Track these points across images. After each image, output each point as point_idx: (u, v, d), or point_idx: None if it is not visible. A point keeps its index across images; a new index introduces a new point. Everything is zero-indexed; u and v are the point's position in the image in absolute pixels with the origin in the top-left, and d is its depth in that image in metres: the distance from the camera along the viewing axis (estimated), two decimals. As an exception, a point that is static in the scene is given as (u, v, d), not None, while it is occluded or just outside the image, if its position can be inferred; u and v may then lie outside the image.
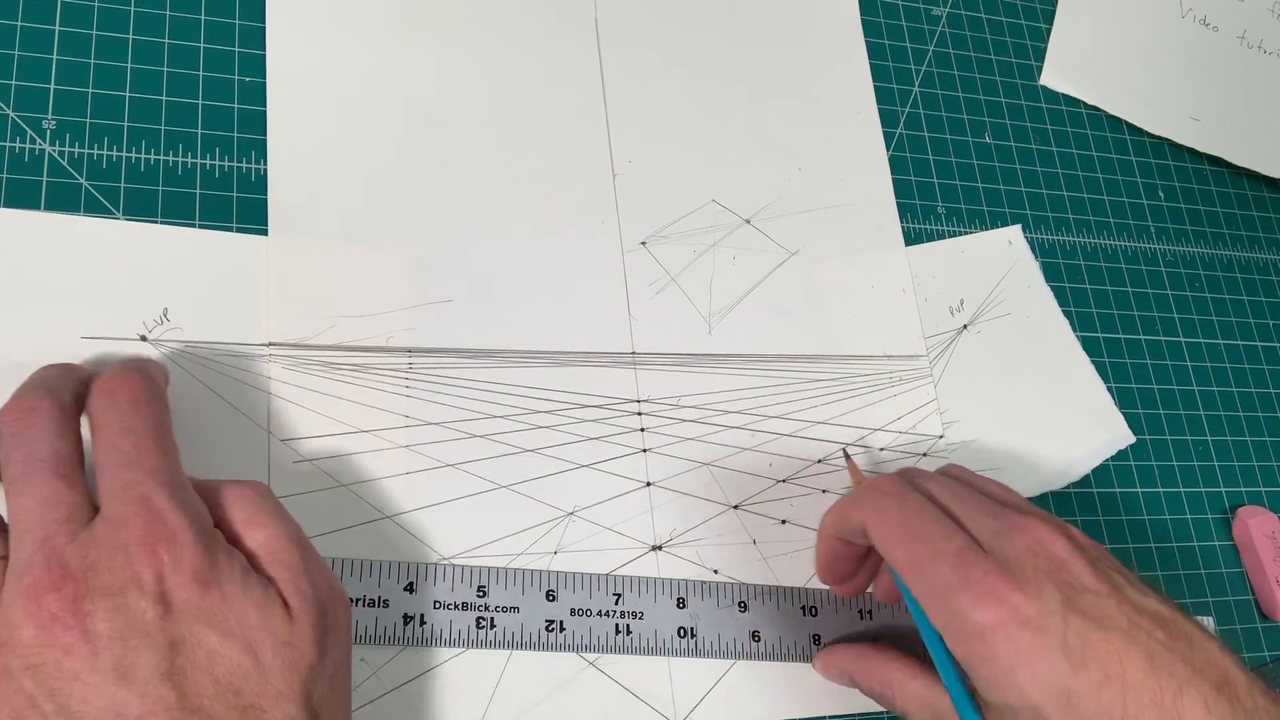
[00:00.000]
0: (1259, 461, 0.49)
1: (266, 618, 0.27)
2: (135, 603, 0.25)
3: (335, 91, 0.40)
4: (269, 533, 0.29)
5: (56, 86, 0.36)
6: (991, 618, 0.29)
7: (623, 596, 0.36)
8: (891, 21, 0.50)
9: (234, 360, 0.35)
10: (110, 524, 0.26)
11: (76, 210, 0.35)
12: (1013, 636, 0.28)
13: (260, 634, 0.27)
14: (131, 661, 0.25)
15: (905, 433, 0.43)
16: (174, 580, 0.26)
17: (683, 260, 0.42)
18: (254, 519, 0.29)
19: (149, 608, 0.25)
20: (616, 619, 0.36)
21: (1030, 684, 0.28)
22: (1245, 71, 0.57)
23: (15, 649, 0.25)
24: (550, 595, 0.35)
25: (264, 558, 0.28)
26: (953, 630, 0.30)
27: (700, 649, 0.36)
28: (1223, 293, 0.52)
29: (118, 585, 0.25)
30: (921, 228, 0.47)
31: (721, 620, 0.37)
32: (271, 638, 0.27)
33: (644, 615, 0.36)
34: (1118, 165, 0.53)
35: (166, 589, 0.26)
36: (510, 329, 0.39)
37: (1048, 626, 0.28)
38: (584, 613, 0.35)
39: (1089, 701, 0.28)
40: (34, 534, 0.26)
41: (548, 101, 0.43)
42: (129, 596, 0.25)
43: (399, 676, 0.34)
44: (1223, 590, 0.46)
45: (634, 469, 0.39)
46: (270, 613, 0.27)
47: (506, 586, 0.35)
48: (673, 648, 0.36)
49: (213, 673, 0.26)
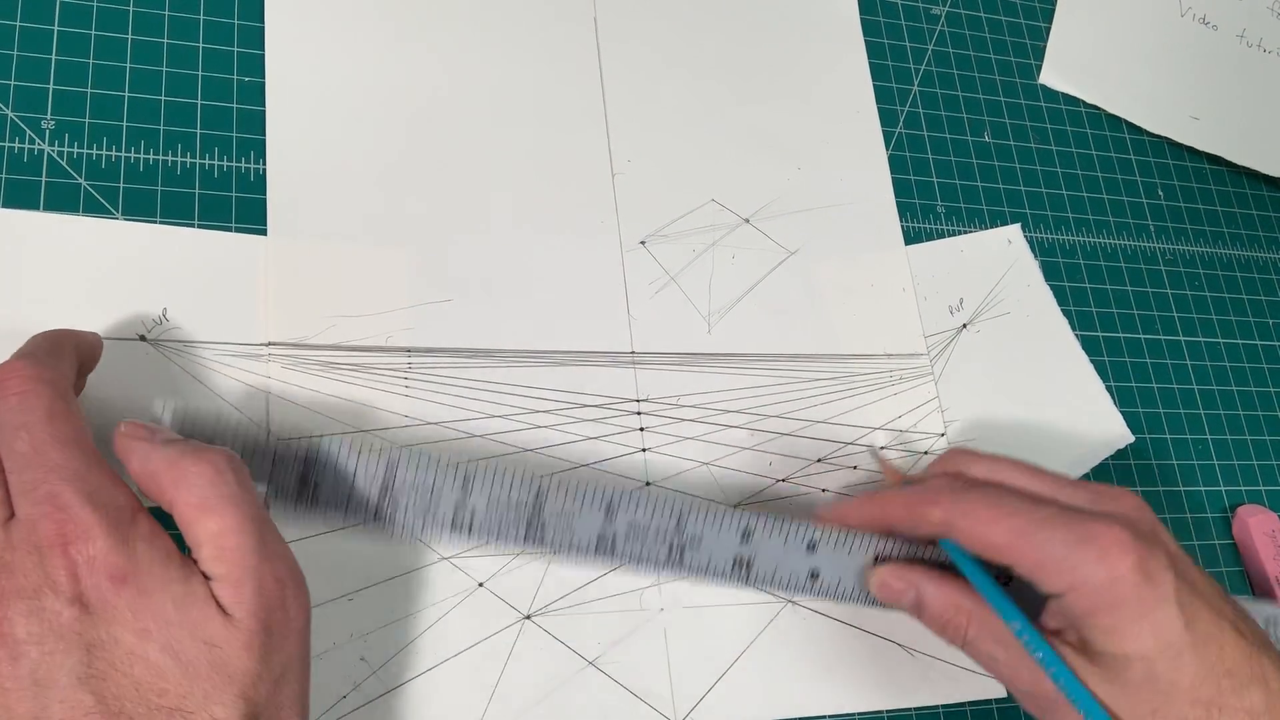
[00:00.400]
0: (1259, 461, 0.49)
1: (186, 614, 0.26)
2: (51, 605, 0.25)
3: (334, 91, 0.40)
4: (222, 523, 0.27)
5: (56, 86, 0.36)
6: (1121, 569, 0.30)
7: (685, 519, 0.34)
8: (891, 21, 0.50)
9: (233, 360, 0.35)
10: (22, 525, 0.25)
11: (76, 210, 0.35)
12: (1139, 586, 0.30)
13: (180, 631, 0.25)
14: (50, 666, 0.24)
15: (906, 431, 0.43)
16: (89, 580, 0.25)
17: (682, 260, 0.42)
18: (207, 503, 0.27)
19: (64, 609, 0.25)
20: (671, 540, 0.34)
21: (1150, 634, 0.30)
22: (1245, 70, 0.57)
23: None
24: (610, 510, 0.33)
25: (210, 550, 0.27)
26: (1077, 586, 0.30)
27: (753, 581, 0.35)
28: (1223, 292, 0.52)
29: (32, 588, 0.25)
30: (921, 227, 0.47)
31: (782, 557, 0.35)
32: (192, 636, 0.25)
33: (701, 542, 0.34)
34: (1117, 164, 0.53)
35: (82, 589, 0.25)
36: (510, 329, 0.39)
37: (1165, 581, 0.30)
38: (640, 533, 0.34)
39: (1195, 657, 0.30)
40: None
41: (547, 101, 0.43)
42: (44, 599, 0.25)
43: (399, 676, 0.34)
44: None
45: (634, 469, 0.39)
46: (191, 609, 0.26)
47: (565, 496, 0.33)
48: (724, 576, 0.35)
49: (133, 674, 0.25)
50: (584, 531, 0.33)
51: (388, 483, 0.32)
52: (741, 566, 0.35)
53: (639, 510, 0.34)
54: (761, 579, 0.35)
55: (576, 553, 0.34)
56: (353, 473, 0.32)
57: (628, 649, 0.37)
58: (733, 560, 0.35)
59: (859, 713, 0.39)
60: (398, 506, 0.32)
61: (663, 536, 0.34)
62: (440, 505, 0.32)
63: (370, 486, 0.32)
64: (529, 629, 0.36)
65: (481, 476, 0.32)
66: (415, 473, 0.32)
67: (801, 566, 0.35)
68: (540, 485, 0.33)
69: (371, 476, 0.32)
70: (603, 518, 0.33)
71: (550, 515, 0.33)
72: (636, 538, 0.34)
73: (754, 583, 0.35)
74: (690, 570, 0.35)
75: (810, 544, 0.35)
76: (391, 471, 0.32)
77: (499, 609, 0.36)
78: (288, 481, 0.31)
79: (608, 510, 0.33)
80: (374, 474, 0.32)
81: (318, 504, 0.32)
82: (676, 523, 0.34)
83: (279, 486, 0.31)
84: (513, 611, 0.36)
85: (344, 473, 0.32)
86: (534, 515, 0.33)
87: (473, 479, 0.32)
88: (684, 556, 0.34)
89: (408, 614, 0.35)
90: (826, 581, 0.36)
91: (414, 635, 0.34)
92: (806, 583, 0.36)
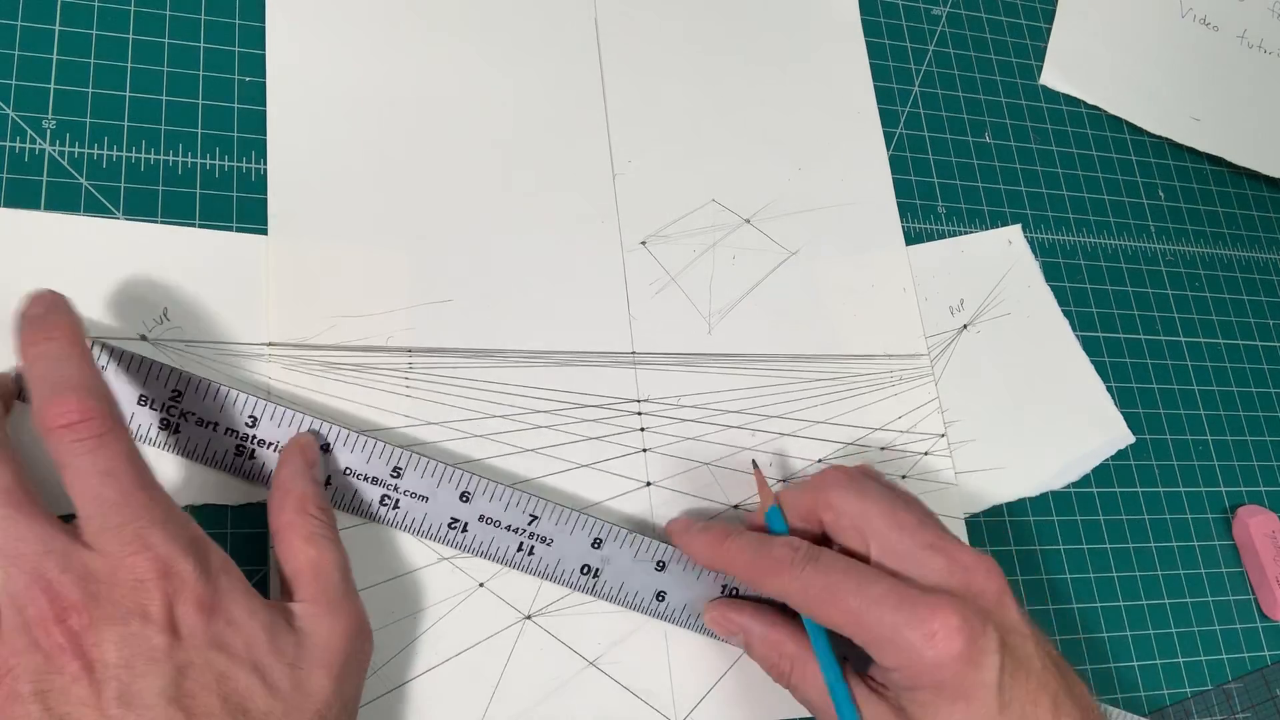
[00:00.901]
0: (1259, 461, 0.49)
1: (275, 639, 0.28)
2: (142, 631, 0.26)
3: (335, 91, 0.40)
4: (321, 556, 0.31)
5: (56, 86, 0.36)
6: (946, 654, 0.31)
7: (539, 520, 0.35)
8: (891, 21, 0.50)
9: (234, 360, 0.35)
10: (109, 559, 0.27)
11: (76, 210, 0.35)
12: (961, 671, 0.31)
13: (268, 656, 0.28)
14: (137, 687, 0.26)
15: (906, 432, 0.43)
16: (180, 610, 0.27)
17: (683, 260, 0.42)
18: (314, 539, 0.31)
19: (155, 635, 0.26)
20: (523, 537, 0.35)
21: (962, 717, 0.31)
22: (1245, 71, 0.57)
23: (23, 674, 0.26)
24: (464, 496, 0.35)
25: (307, 575, 0.30)
26: (904, 665, 0.31)
27: (599, 590, 0.36)
28: (1223, 293, 0.52)
29: (121, 616, 0.26)
30: (921, 227, 0.47)
31: (631, 571, 0.36)
32: (279, 659, 0.28)
33: (553, 542, 0.36)
34: (1118, 165, 0.53)
35: (173, 618, 0.27)
36: (510, 329, 0.39)
37: (989, 665, 0.31)
38: (493, 522, 0.35)
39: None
40: (19, 566, 0.26)
41: (547, 101, 0.43)
42: (134, 626, 0.26)
43: (399, 676, 0.34)
44: (1223, 590, 0.46)
45: (634, 469, 0.39)
46: (278, 635, 0.28)
47: (422, 475, 0.34)
48: (570, 580, 0.36)
49: (221, 693, 0.27)
50: (437, 516, 0.35)
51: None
52: (590, 574, 0.36)
53: (492, 502, 0.35)
54: (609, 591, 0.36)
55: (429, 537, 0.35)
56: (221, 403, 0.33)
57: (628, 649, 0.37)
58: (580, 567, 0.36)
59: (859, 713, 0.39)
60: None
61: (514, 531, 0.35)
62: None
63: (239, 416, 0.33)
64: (529, 629, 0.36)
65: (343, 437, 0.34)
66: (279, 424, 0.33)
67: (649, 584, 0.36)
68: (399, 458, 0.34)
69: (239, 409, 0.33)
70: (460, 505, 0.35)
71: (403, 493, 0.34)
72: (489, 525, 0.35)
73: (601, 593, 0.36)
74: (539, 570, 0.36)
75: (660, 563, 0.37)
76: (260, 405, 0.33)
77: (499, 609, 0.36)
78: (161, 395, 0.32)
79: (462, 498, 0.35)
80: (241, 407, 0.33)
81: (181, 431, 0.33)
82: (529, 520, 0.35)
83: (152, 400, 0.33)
84: (513, 611, 0.36)
85: (211, 405, 0.33)
86: (390, 491, 0.34)
87: (335, 441, 0.34)
88: (534, 552, 0.35)
89: (408, 614, 0.35)
90: (673, 605, 0.37)
91: (414, 635, 0.34)
92: (652, 603, 0.37)
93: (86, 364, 0.29)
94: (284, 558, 0.31)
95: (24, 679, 0.25)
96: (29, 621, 0.26)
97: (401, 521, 0.34)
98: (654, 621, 0.37)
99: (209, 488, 0.33)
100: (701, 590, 0.37)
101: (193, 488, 0.33)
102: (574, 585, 0.36)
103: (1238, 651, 0.45)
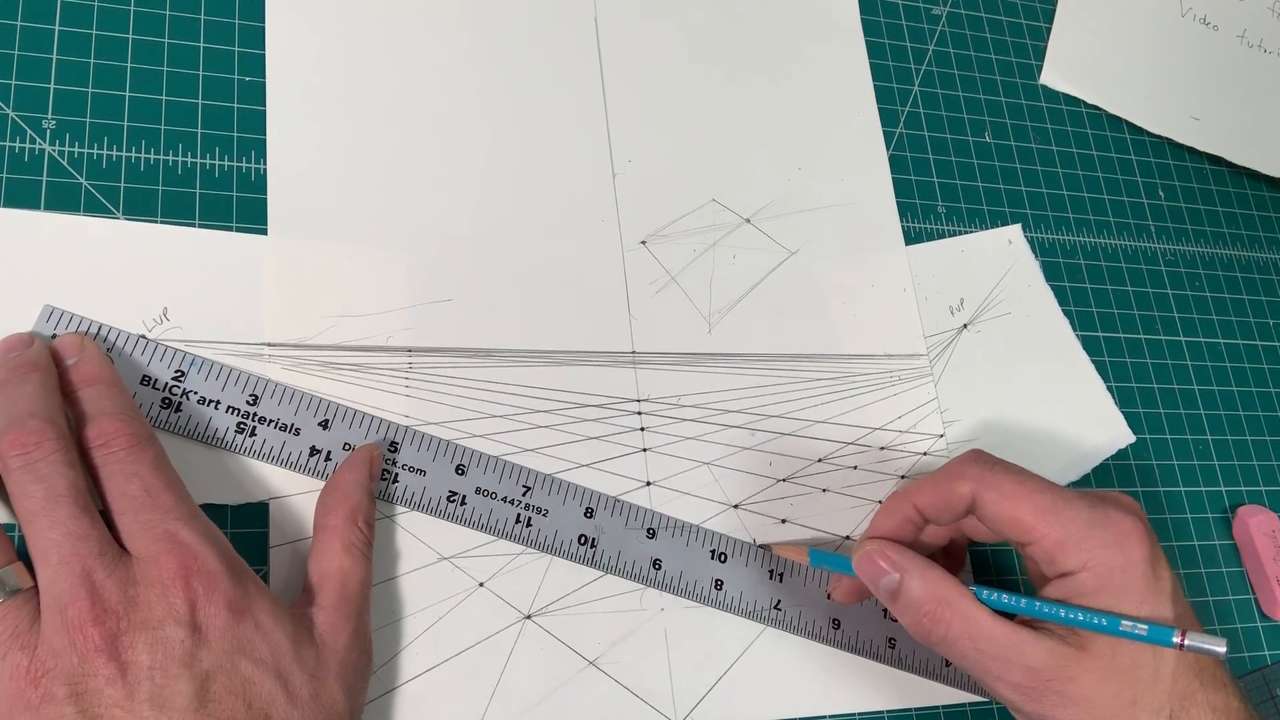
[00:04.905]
0: (1259, 461, 0.49)
1: (298, 649, 0.29)
2: (173, 634, 0.27)
3: (335, 91, 0.40)
4: (354, 568, 0.32)
5: (56, 86, 0.36)
6: (1135, 557, 0.32)
7: (532, 490, 0.36)
8: (891, 21, 0.50)
9: (234, 360, 0.35)
10: (144, 562, 0.28)
11: (76, 210, 0.35)
12: (1147, 577, 0.32)
13: (292, 665, 0.28)
14: (169, 691, 0.26)
15: (906, 432, 0.43)
16: (208, 610, 0.27)
17: (683, 259, 0.42)
18: (352, 550, 0.32)
19: (185, 638, 0.27)
20: (520, 509, 0.36)
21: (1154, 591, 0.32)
22: (1245, 71, 0.57)
23: (59, 676, 0.26)
24: (460, 470, 0.35)
25: (335, 583, 0.31)
26: (1091, 565, 0.32)
27: (598, 562, 0.36)
28: (1223, 293, 0.52)
29: (156, 619, 0.27)
30: (921, 227, 0.47)
31: (624, 540, 0.37)
32: (301, 669, 0.29)
33: (548, 513, 0.36)
34: (1118, 165, 0.53)
35: (201, 618, 0.27)
36: (510, 329, 0.39)
37: (1167, 578, 0.32)
38: (489, 494, 0.36)
39: (1177, 653, 0.32)
40: (70, 567, 0.27)
41: (547, 101, 0.43)
42: (167, 629, 0.27)
43: (399, 676, 0.34)
44: (1223, 590, 0.46)
45: (634, 469, 0.39)
46: (301, 644, 0.29)
47: (418, 449, 0.35)
48: (570, 552, 0.36)
49: (246, 699, 0.27)
50: (435, 489, 0.35)
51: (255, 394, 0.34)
52: (587, 544, 0.36)
53: (487, 474, 0.36)
54: (608, 561, 0.37)
55: (429, 511, 0.35)
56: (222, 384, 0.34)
57: (628, 649, 0.37)
58: (578, 537, 0.36)
59: (859, 713, 0.39)
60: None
61: (511, 502, 0.36)
62: None
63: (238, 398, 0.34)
64: (529, 629, 0.36)
65: (340, 413, 0.35)
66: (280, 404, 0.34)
67: (643, 552, 0.37)
68: (395, 433, 0.35)
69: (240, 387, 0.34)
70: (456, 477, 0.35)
71: (401, 467, 0.35)
72: (486, 498, 0.36)
73: (600, 564, 0.37)
74: (539, 543, 0.36)
75: (649, 530, 0.37)
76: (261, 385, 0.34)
77: (499, 609, 0.36)
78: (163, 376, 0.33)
79: (458, 470, 0.35)
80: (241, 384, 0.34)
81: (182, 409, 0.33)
82: (523, 491, 0.36)
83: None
84: (513, 611, 0.36)
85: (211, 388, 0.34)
86: (388, 465, 0.35)
87: (333, 417, 0.35)
88: (532, 523, 0.36)
89: (408, 614, 0.35)
90: (669, 574, 0.37)
91: (414, 635, 0.34)
92: (650, 572, 0.37)
93: (120, 394, 0.31)
94: (318, 556, 0.32)
95: (60, 681, 0.26)
96: (68, 623, 0.26)
97: (401, 496, 0.35)
98: (654, 621, 0.37)
99: (209, 488, 0.33)
100: (692, 557, 0.37)
101: (193, 488, 0.33)
102: (574, 557, 0.36)
103: (1238, 651, 0.45)
